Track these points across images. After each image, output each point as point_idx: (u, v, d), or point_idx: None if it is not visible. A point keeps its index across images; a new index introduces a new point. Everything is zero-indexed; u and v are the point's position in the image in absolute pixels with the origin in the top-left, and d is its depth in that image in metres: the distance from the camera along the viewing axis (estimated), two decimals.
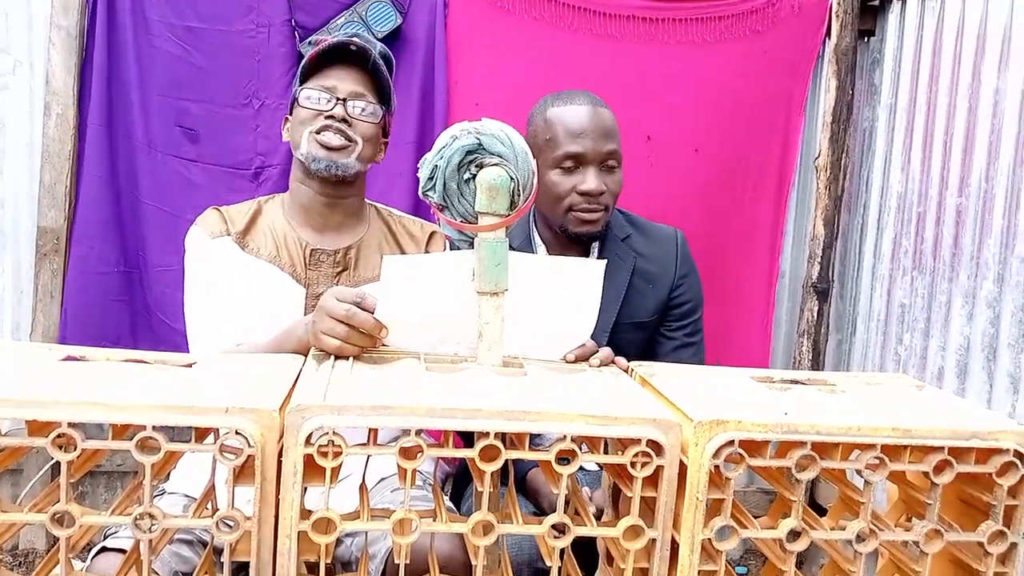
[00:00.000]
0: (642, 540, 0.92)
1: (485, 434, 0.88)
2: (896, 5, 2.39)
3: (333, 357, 1.09)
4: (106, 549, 1.19)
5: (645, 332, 1.63)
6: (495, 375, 1.05)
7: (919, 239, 2.21)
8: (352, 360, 1.08)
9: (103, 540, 1.21)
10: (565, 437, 0.89)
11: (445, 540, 1.16)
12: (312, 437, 0.85)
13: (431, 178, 1.10)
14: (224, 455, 0.85)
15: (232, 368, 1.06)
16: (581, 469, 1.59)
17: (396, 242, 1.56)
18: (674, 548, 0.93)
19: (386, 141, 1.55)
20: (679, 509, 0.92)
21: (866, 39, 2.52)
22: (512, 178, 1.08)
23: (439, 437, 0.93)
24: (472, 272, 1.09)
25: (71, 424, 0.83)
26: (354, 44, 1.44)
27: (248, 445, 0.85)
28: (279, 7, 2.24)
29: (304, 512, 0.88)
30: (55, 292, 2.24)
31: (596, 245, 1.62)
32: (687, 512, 0.91)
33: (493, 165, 1.08)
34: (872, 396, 1.08)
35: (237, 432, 0.85)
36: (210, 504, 0.99)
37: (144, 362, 1.03)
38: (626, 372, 1.16)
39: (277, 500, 0.87)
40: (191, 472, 1.35)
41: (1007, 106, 1.94)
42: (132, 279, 2.28)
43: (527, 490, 1.49)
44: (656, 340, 1.65)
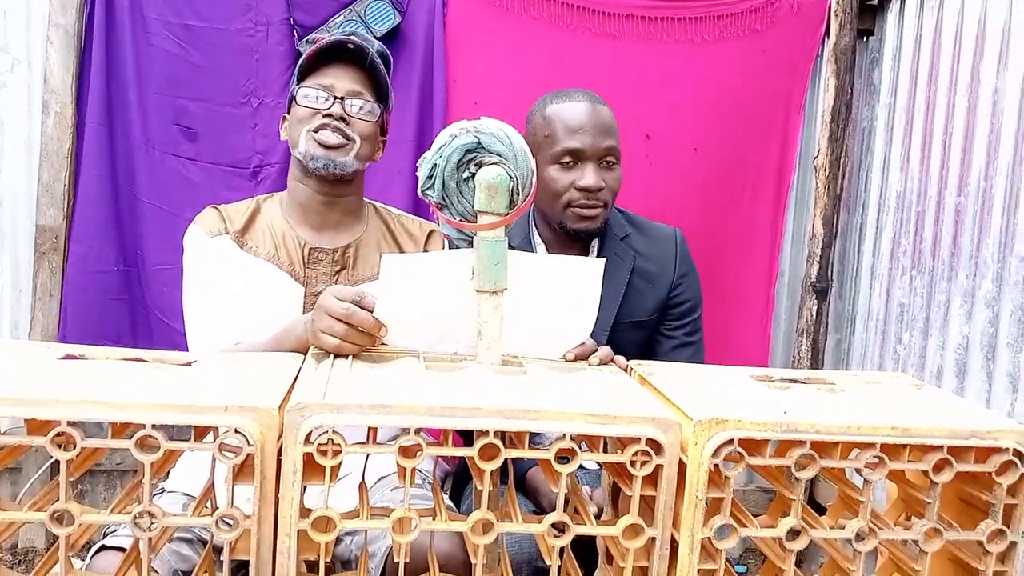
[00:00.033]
0: (642, 539, 0.92)
1: (484, 433, 0.88)
2: (895, 4, 2.39)
3: (332, 356, 1.09)
4: (106, 548, 1.18)
5: (644, 331, 1.63)
6: (494, 374, 1.05)
7: (918, 238, 2.21)
8: (351, 359, 1.08)
9: (103, 538, 1.21)
10: (564, 436, 0.89)
11: (445, 539, 1.16)
12: (311, 436, 0.85)
13: (430, 177, 1.10)
14: (223, 454, 0.85)
15: (231, 367, 1.05)
16: (581, 468, 1.59)
17: (395, 241, 1.56)
18: (673, 547, 0.93)
19: (384, 139, 1.55)
20: (679, 508, 0.92)
21: (865, 38, 2.52)
22: (511, 177, 1.08)
23: (438, 436, 0.93)
24: (471, 271, 1.09)
25: (70, 423, 0.83)
26: (351, 42, 1.44)
27: (247, 444, 0.85)
28: (278, 6, 2.24)
29: (304, 511, 0.88)
30: (54, 291, 2.23)
31: (595, 244, 1.61)
32: (686, 511, 0.91)
33: (492, 164, 1.07)
34: (871, 395, 1.08)
35: (236, 431, 0.85)
36: (209, 503, 0.99)
37: (143, 361, 1.03)
38: (625, 371, 1.16)
39: (277, 499, 0.87)
40: (190, 471, 1.35)
41: (1006, 105, 1.94)
42: (131, 278, 2.28)
43: (527, 489, 1.49)
44: (655, 339, 1.65)
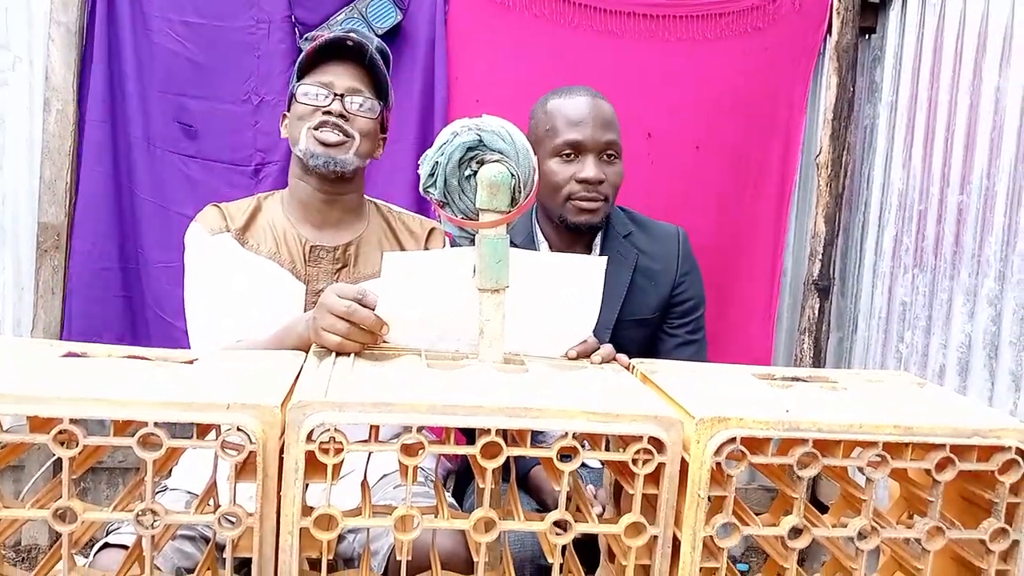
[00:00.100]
0: (644, 537, 0.92)
1: (486, 431, 0.88)
2: (897, 2, 2.38)
3: (334, 354, 1.09)
4: (108, 545, 1.19)
5: (647, 329, 1.63)
6: (496, 372, 1.05)
7: (920, 236, 2.21)
8: (353, 357, 1.08)
9: (105, 536, 1.21)
10: (566, 434, 0.89)
11: (447, 537, 1.16)
12: (313, 433, 0.85)
13: (432, 174, 1.10)
14: (226, 451, 0.85)
15: (233, 365, 1.05)
16: (585, 466, 1.59)
17: (396, 238, 1.56)
18: (676, 545, 0.93)
19: (384, 137, 1.55)
20: (681, 506, 0.92)
21: (867, 36, 2.52)
22: (513, 175, 1.07)
23: (440, 434, 0.93)
24: (473, 269, 1.09)
25: (73, 420, 0.83)
26: (351, 39, 1.44)
27: (250, 441, 0.84)
28: (279, 3, 2.24)
29: (306, 508, 0.88)
30: (56, 288, 2.24)
31: (598, 242, 1.61)
32: (689, 509, 0.91)
33: (494, 162, 1.07)
34: (874, 393, 1.08)
35: (239, 428, 0.85)
36: (212, 500, 0.99)
37: (146, 358, 1.03)
38: (627, 369, 1.16)
39: (279, 496, 0.87)
40: (193, 468, 1.35)
41: (1008, 103, 1.93)
42: (132, 275, 2.28)
43: (530, 487, 1.49)
44: (658, 337, 1.65)
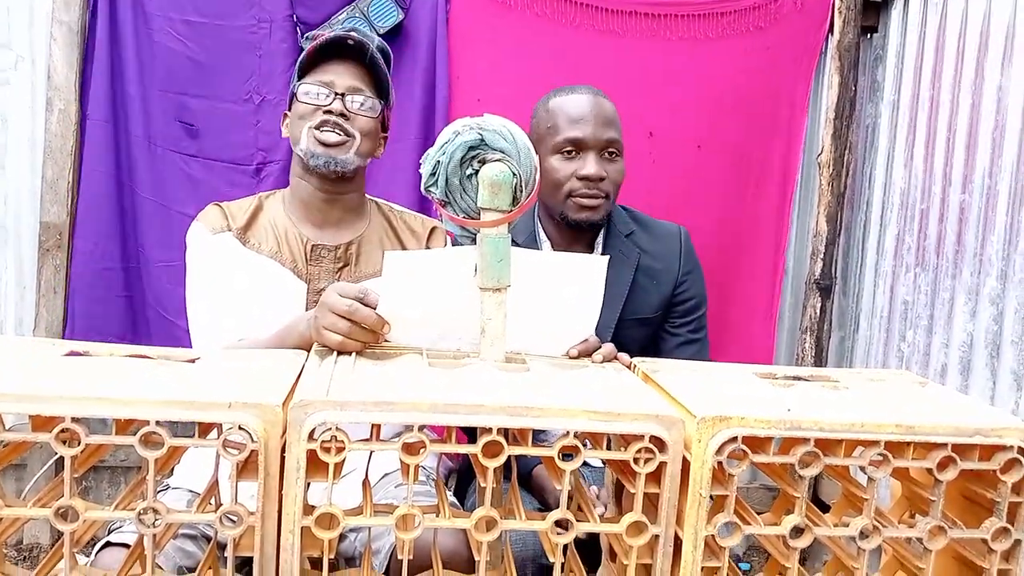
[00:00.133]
0: (645, 536, 0.92)
1: (488, 430, 0.88)
2: (899, 1, 2.38)
3: (335, 353, 1.09)
4: (110, 544, 1.19)
5: (649, 328, 1.63)
6: (497, 371, 1.05)
7: (922, 235, 2.21)
8: (354, 356, 1.08)
9: (107, 535, 1.21)
10: (568, 433, 0.89)
11: (448, 536, 1.16)
12: (315, 432, 0.85)
13: (433, 174, 1.10)
14: (227, 450, 0.85)
15: (235, 364, 1.05)
16: (588, 466, 1.59)
17: (397, 237, 1.56)
18: (677, 544, 0.93)
19: (385, 136, 1.55)
20: (682, 505, 0.92)
21: (869, 35, 2.51)
22: (514, 174, 1.07)
23: (442, 433, 0.93)
24: (474, 268, 1.09)
25: (75, 419, 0.83)
26: (352, 38, 1.44)
27: (251, 440, 0.85)
28: (280, 2, 2.24)
29: (307, 507, 0.88)
30: (58, 287, 2.24)
31: (600, 241, 1.61)
32: (690, 508, 0.91)
33: (495, 161, 1.07)
34: (875, 393, 1.08)
35: (240, 427, 0.85)
36: (213, 499, 0.99)
37: (147, 357, 1.03)
38: (629, 368, 1.16)
39: (280, 495, 0.87)
40: (195, 467, 1.36)
41: (1010, 102, 1.93)
42: (134, 274, 2.28)
43: (532, 487, 1.49)
44: (660, 336, 1.65)
